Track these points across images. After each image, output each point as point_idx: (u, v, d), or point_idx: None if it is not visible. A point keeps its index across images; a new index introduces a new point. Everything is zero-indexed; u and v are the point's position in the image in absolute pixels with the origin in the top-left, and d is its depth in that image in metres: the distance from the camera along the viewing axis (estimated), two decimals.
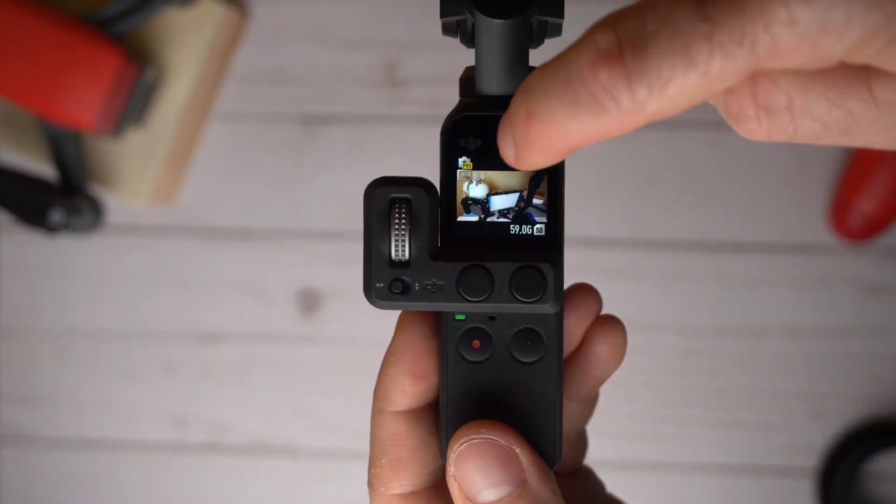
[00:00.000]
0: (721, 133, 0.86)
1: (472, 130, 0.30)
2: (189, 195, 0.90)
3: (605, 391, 0.36)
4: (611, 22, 0.22)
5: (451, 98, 0.32)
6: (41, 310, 0.91)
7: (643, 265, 0.86)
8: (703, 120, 0.86)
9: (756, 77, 0.25)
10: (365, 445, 0.99)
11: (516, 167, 0.25)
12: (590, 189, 0.86)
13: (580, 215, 0.86)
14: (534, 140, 0.24)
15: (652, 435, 0.86)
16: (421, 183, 0.30)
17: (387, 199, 0.30)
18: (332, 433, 0.89)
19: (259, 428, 0.89)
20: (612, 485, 0.37)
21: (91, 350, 0.90)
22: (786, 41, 0.22)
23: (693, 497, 0.87)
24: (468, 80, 0.31)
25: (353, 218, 0.88)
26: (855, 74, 0.24)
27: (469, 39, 0.30)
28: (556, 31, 0.30)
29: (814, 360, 0.86)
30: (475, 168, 0.30)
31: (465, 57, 0.32)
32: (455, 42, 0.32)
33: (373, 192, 0.30)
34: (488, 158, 0.30)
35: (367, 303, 0.31)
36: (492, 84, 0.30)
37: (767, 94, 0.26)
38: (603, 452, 0.86)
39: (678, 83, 0.22)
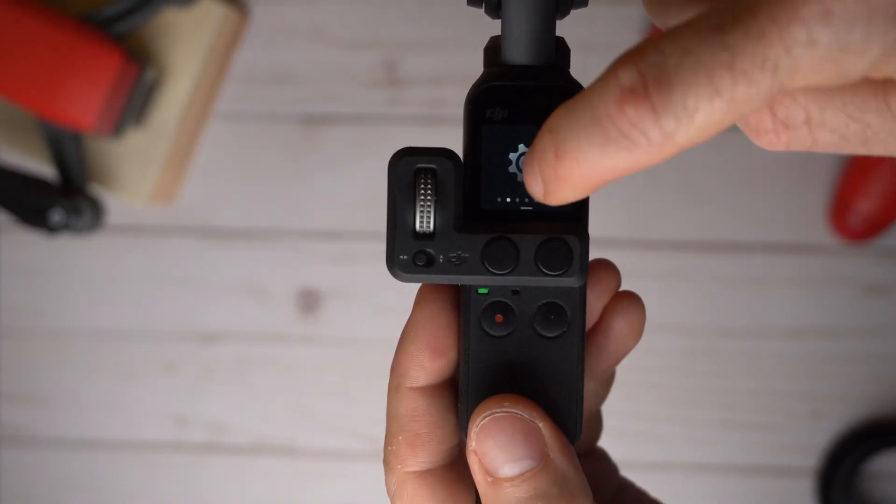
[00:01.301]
0: (721, 133, 0.86)
1: (499, 100, 0.30)
2: (189, 195, 0.90)
3: None
4: (632, 57, 0.22)
5: (451, 98, 0.32)
6: (41, 310, 0.91)
7: (643, 265, 0.86)
8: None
9: (775, 94, 0.25)
10: (365, 445, 0.99)
11: (545, 202, 0.25)
12: None
13: None
14: (564, 178, 0.24)
15: (652, 435, 0.86)
16: (446, 153, 0.29)
17: (412, 170, 0.29)
18: (332, 433, 0.89)
19: (259, 428, 0.89)
20: None
21: (91, 350, 0.90)
22: (807, 62, 0.22)
23: (693, 497, 0.87)
24: (493, 50, 0.30)
25: (354, 218, 0.88)
26: (872, 89, 0.24)
27: (494, 9, 0.30)
28: (582, 2, 0.30)
29: (814, 360, 0.86)
30: (502, 139, 0.30)
31: (466, 57, 0.32)
32: (455, 42, 0.32)
33: (397, 163, 0.29)
34: (515, 128, 0.30)
35: (390, 278, 0.30)
36: (518, 53, 0.30)
37: (786, 110, 0.26)
38: None
39: (705, 112, 0.22)
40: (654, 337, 0.86)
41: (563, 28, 0.31)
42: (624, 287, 0.32)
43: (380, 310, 0.88)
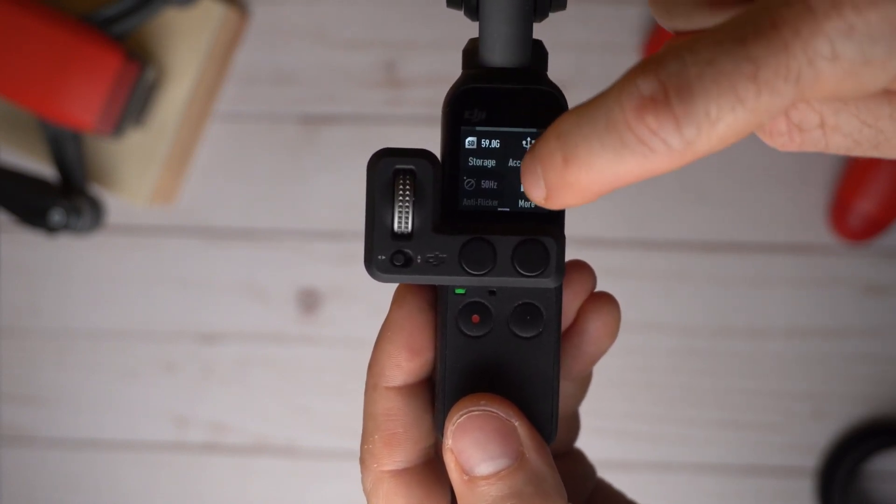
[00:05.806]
0: None
1: (477, 102, 0.30)
2: (189, 195, 0.90)
3: (604, 391, 0.36)
4: (650, 66, 0.22)
5: None
6: (41, 310, 0.91)
7: (643, 265, 0.86)
8: None
9: (795, 102, 0.26)
10: None
11: (545, 206, 0.25)
12: None
13: (580, 215, 0.86)
14: (571, 183, 0.24)
15: (651, 435, 0.86)
16: (425, 154, 0.30)
17: (390, 171, 0.29)
18: (331, 433, 0.89)
19: (259, 428, 0.89)
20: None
21: (91, 350, 0.90)
22: (829, 74, 0.22)
23: (693, 497, 0.87)
24: (471, 52, 0.31)
25: (353, 218, 0.88)
26: (887, 97, 0.25)
27: (473, 12, 0.30)
28: (561, 5, 0.30)
29: (814, 360, 0.86)
30: (480, 140, 0.30)
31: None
32: (455, 42, 0.32)
33: (377, 163, 0.30)
34: (493, 130, 0.30)
35: (370, 279, 0.31)
36: (496, 55, 0.30)
37: (800, 115, 0.26)
38: (602, 452, 0.86)
39: (727, 121, 0.22)
40: (653, 337, 0.86)
41: (563, 29, 0.31)
42: (624, 286, 0.32)
43: (379, 310, 0.88)
